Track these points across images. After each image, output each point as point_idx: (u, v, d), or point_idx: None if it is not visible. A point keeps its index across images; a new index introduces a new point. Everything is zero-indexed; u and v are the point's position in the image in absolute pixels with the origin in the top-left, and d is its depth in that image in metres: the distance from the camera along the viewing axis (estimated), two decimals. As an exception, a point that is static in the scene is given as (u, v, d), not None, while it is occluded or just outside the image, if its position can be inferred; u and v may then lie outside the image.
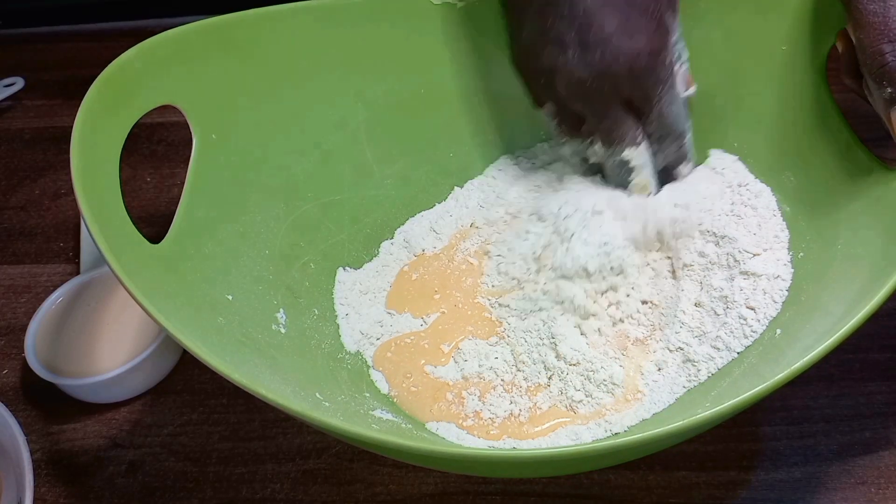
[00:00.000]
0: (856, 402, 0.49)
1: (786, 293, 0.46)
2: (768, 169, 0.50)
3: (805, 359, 0.34)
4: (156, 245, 0.44)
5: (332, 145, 0.54)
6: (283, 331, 0.49)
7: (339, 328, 0.52)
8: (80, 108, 0.43)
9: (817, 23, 0.47)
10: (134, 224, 0.44)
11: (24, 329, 0.54)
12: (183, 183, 0.47)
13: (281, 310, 0.49)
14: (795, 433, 0.48)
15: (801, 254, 0.47)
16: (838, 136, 0.46)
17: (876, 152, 0.45)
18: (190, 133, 0.48)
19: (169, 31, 0.48)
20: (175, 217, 0.46)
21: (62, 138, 0.42)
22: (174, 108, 0.48)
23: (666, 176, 0.52)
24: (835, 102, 0.47)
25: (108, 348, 0.54)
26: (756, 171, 0.51)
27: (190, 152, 0.48)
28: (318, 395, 0.45)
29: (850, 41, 0.43)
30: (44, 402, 0.54)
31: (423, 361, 0.50)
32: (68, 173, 0.41)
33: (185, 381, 0.54)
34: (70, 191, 0.41)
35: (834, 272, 0.43)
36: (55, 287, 0.57)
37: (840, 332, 0.35)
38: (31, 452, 0.49)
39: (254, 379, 0.36)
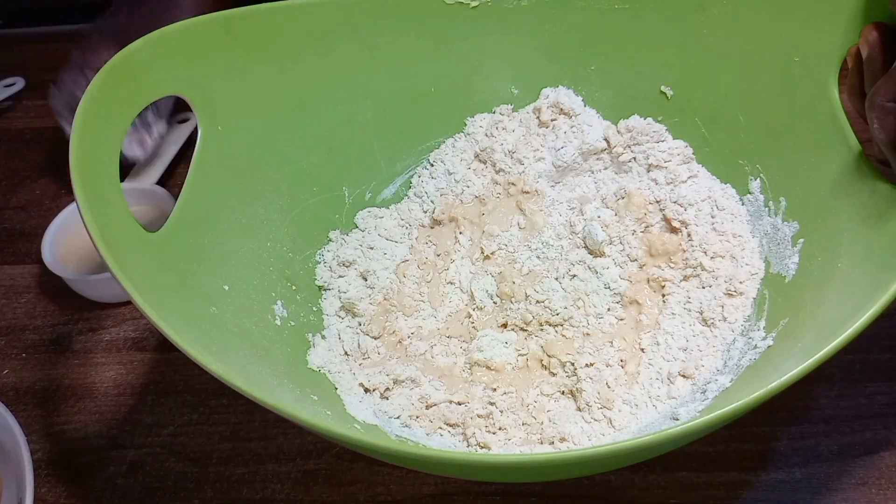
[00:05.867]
0: (856, 403, 0.49)
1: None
2: (777, 182, 0.50)
3: (801, 366, 0.34)
4: (152, 234, 0.44)
5: (339, 141, 0.54)
6: (278, 323, 0.49)
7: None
8: (85, 92, 0.43)
9: (830, 36, 0.46)
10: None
11: (24, 329, 0.54)
12: (181, 188, 0.47)
13: (279, 301, 0.49)
14: (795, 433, 0.48)
15: (804, 264, 0.47)
16: (847, 151, 0.45)
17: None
18: (190, 139, 0.48)
19: (178, 23, 0.48)
20: (175, 207, 0.46)
21: (62, 138, 0.42)
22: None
23: None
24: (846, 117, 0.46)
25: None
26: (767, 184, 0.51)
27: (190, 158, 0.48)
28: (309, 391, 0.45)
29: (860, 59, 0.43)
30: (44, 402, 0.54)
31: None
32: (68, 173, 0.41)
33: (186, 381, 0.54)
34: (70, 191, 0.41)
35: (834, 286, 0.42)
36: (55, 287, 0.57)
37: (837, 339, 0.35)
38: (32, 452, 0.49)
39: (232, 369, 0.36)
